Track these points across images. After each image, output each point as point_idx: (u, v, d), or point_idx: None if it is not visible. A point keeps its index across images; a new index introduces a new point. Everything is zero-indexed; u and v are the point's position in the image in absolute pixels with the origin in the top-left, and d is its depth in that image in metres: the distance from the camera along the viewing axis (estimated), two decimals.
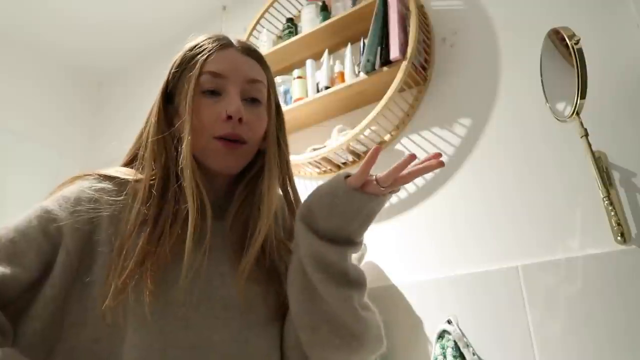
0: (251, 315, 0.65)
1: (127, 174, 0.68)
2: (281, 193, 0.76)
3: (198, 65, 0.68)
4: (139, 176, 0.66)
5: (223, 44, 0.71)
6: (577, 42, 1.09)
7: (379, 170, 0.62)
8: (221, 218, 0.70)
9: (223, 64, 0.69)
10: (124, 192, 0.65)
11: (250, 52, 0.73)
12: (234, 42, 0.73)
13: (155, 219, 0.62)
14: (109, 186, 0.65)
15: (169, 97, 0.73)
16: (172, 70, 0.72)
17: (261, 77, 0.73)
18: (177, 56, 0.73)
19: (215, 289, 0.63)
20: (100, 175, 0.67)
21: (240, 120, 0.67)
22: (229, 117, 0.67)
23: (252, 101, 0.71)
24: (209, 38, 0.72)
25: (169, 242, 0.61)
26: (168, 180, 0.65)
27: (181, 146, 0.65)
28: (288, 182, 0.75)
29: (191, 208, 0.62)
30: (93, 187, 0.64)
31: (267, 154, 0.72)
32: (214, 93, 0.68)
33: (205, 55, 0.69)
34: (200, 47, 0.71)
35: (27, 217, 0.60)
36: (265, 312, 0.67)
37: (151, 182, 0.64)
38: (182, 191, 0.64)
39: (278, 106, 0.77)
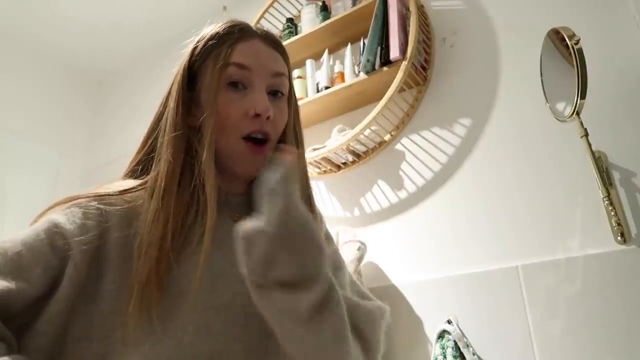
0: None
1: (124, 185, 0.66)
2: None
3: (223, 56, 0.67)
4: (142, 180, 0.65)
5: (248, 34, 0.70)
6: (577, 42, 1.09)
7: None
8: (243, 218, 0.69)
9: (249, 56, 0.68)
10: (131, 200, 0.63)
11: (273, 43, 0.73)
12: (258, 31, 0.72)
13: (174, 217, 0.60)
14: (114, 199, 0.63)
15: (189, 80, 0.70)
16: (195, 53, 0.70)
17: (285, 70, 0.72)
18: (199, 41, 0.71)
19: (236, 295, 0.61)
20: (97, 195, 0.63)
21: (267, 117, 0.66)
22: (257, 115, 0.66)
23: (275, 94, 0.70)
24: (232, 26, 0.71)
25: (186, 243, 0.60)
26: (185, 177, 0.64)
27: (202, 144, 0.64)
28: (304, 176, 0.74)
29: (210, 207, 0.61)
30: (102, 200, 0.62)
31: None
32: (239, 86, 0.67)
33: (231, 46, 0.68)
34: (224, 35, 0.69)
35: (35, 229, 0.58)
36: None
37: (168, 176, 0.63)
38: (201, 189, 0.62)
39: (294, 96, 0.76)
